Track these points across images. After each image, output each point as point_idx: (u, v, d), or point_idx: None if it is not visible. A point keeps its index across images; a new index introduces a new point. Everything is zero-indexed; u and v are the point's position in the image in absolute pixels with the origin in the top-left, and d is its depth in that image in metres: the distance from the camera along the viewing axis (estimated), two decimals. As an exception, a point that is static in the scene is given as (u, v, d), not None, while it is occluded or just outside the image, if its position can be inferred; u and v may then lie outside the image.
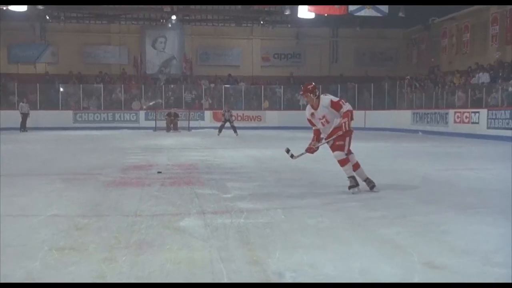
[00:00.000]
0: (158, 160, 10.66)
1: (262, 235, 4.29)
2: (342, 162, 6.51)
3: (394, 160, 11.55)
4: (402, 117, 25.24)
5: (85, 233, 4.32)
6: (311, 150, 6.77)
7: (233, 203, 5.71)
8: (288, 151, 6.83)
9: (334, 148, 6.56)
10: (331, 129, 6.54)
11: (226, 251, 3.80)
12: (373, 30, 32.48)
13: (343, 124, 6.33)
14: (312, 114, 6.68)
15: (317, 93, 6.60)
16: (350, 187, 6.41)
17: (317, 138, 6.79)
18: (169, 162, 10.15)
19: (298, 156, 6.81)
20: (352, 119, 6.38)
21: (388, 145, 16.78)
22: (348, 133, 6.41)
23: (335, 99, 6.54)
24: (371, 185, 6.55)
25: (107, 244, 3.96)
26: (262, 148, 14.63)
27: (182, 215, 5.06)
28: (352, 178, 6.44)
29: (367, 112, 28.11)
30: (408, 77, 27.59)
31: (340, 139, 6.45)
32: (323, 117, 6.54)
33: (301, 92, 6.84)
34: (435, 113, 22.60)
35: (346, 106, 6.41)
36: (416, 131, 23.32)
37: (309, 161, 10.92)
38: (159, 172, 8.44)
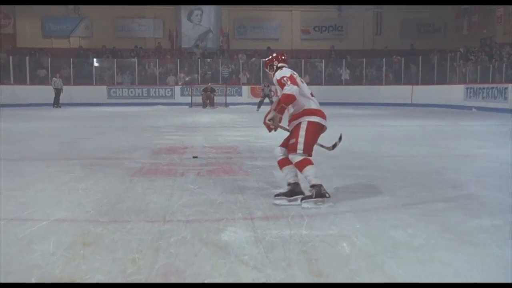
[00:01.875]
0: (194, 141, 9.51)
1: (338, 259, 3.05)
2: (299, 165, 4.50)
3: (458, 141, 10.09)
4: (454, 92, 23.46)
5: (93, 252, 3.16)
6: None
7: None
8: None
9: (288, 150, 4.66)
10: None
11: (292, 290, 2.59)
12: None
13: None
14: None
15: (274, 67, 4.78)
16: (303, 198, 4.43)
17: None
18: (206, 144, 8.98)
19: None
20: (276, 109, 4.52)
21: (443, 123, 15.22)
22: (298, 126, 4.58)
23: (280, 75, 4.54)
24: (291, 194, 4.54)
25: (120, 274, 2.79)
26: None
27: (224, 221, 3.87)
28: (316, 187, 4.40)
29: (414, 87, 26.48)
30: (461, 49, 25.64)
31: (292, 136, 4.62)
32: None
33: None
34: (492, 88, 20.79)
35: (286, 88, 4.40)
36: (470, 108, 21.58)
37: (363, 142, 9.66)
38: (194, 157, 7.28)
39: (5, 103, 23.65)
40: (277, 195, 4.57)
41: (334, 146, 5.29)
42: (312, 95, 4.69)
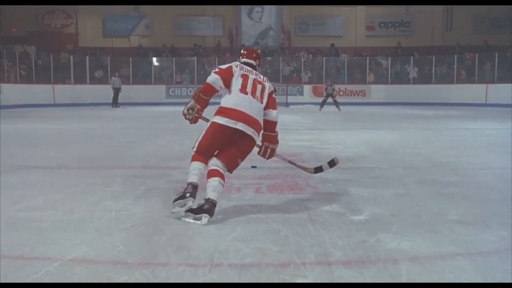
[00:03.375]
0: (253, 146, 8.56)
1: None
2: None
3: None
4: (536, 91, 21.53)
5: (107, 322, 2.23)
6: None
7: (373, 236, 3.43)
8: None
9: None
10: None
11: None
12: (495, -8, 28.46)
13: None
14: None
15: None
16: (175, 200, 3.86)
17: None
18: (267, 150, 7.99)
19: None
20: (194, 98, 4.25)
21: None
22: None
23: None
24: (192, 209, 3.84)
25: None
26: (377, 129, 12.14)
27: (292, 268, 2.86)
28: (190, 186, 3.87)
29: (489, 85, 24.56)
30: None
31: None
32: None
33: None
34: None
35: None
36: (555, 108, 19.69)
37: (445, 149, 8.39)
38: (253, 167, 6.31)
39: (66, 102, 23.65)
40: (187, 210, 3.83)
41: (318, 169, 4.71)
42: (243, 92, 4.08)
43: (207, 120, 4.24)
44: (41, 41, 27.98)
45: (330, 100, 21.33)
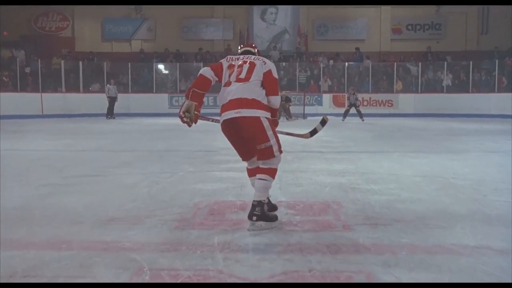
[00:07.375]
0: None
1: None
2: None
3: None
4: None
5: None
6: None
7: None
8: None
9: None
10: None
11: None
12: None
13: None
14: None
15: None
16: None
17: None
18: (282, 196, 5.09)
19: None
20: (188, 96, 3.77)
21: None
22: None
23: None
24: None
25: None
26: (427, 152, 9.19)
27: None
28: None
29: (536, 95, 21.49)
30: None
31: None
32: None
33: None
34: None
35: None
36: None
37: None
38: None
39: (55, 113, 21.05)
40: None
41: (314, 132, 4.57)
42: (227, 85, 3.81)
43: (208, 120, 4.15)
44: (35, 45, 25.48)
45: (353, 110, 18.72)
